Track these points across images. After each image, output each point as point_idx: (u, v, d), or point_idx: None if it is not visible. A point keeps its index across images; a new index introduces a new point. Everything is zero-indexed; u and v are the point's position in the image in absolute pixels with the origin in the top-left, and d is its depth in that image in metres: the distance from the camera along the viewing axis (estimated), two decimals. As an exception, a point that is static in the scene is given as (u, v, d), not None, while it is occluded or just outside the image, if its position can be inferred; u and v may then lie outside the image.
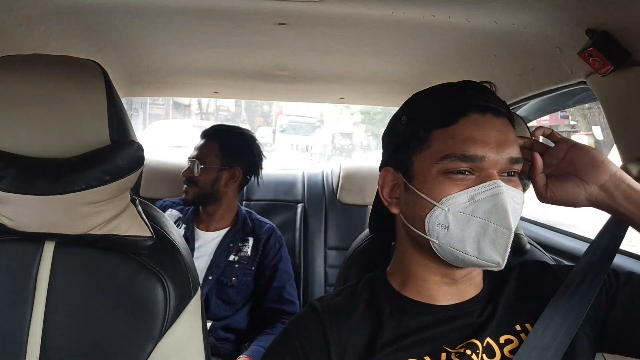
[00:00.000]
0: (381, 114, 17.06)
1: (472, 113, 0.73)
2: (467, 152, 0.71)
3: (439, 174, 0.73)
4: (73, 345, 0.84)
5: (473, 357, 0.72)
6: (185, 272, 0.92)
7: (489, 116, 0.73)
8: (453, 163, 0.72)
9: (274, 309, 1.77)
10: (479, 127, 0.73)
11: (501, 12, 1.04)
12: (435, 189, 0.73)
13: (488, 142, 0.72)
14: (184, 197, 1.81)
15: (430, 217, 0.73)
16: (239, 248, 1.80)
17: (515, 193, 0.73)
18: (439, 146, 0.74)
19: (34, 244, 0.86)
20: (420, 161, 0.76)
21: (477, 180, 0.72)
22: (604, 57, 0.93)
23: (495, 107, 0.74)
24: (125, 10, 1.20)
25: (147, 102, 14.98)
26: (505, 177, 0.74)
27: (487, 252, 0.71)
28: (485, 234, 0.70)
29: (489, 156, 0.71)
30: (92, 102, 0.79)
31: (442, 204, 0.72)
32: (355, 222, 2.30)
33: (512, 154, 0.73)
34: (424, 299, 0.79)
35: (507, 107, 0.78)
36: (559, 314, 0.75)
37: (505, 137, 0.73)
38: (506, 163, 0.73)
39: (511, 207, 0.71)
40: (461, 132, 0.73)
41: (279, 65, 1.76)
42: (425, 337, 0.75)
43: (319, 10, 1.13)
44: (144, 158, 0.85)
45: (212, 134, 1.86)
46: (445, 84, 0.81)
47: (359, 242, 1.17)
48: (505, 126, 0.75)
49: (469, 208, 0.71)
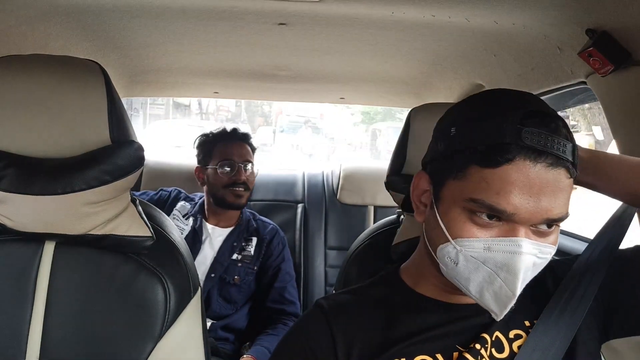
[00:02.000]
0: (381, 114, 17.05)
1: (520, 158, 0.62)
2: (498, 205, 0.63)
3: (463, 209, 0.67)
4: (73, 345, 0.84)
5: (482, 351, 0.72)
6: (186, 272, 0.92)
7: (540, 166, 0.62)
8: (479, 208, 0.65)
9: (275, 309, 1.77)
10: (521, 178, 0.62)
11: (501, 12, 1.04)
12: (454, 225, 0.68)
13: (525, 198, 0.63)
14: (240, 201, 1.80)
15: (443, 249, 0.70)
16: (242, 247, 1.81)
17: (542, 247, 0.66)
18: (471, 184, 0.65)
19: (34, 244, 0.86)
20: (451, 187, 0.69)
21: (501, 231, 0.65)
22: (604, 57, 0.93)
23: (553, 153, 0.62)
24: (125, 10, 1.20)
25: (147, 102, 14.98)
26: (539, 229, 0.66)
27: (487, 301, 0.68)
28: (491, 285, 0.67)
29: (520, 214, 0.63)
30: (92, 102, 0.80)
31: (457, 243, 0.67)
32: (355, 222, 2.30)
33: (552, 213, 0.64)
34: (438, 297, 0.78)
35: (572, 153, 0.64)
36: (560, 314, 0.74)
37: (550, 194, 0.63)
38: (541, 221, 0.64)
39: (529, 267, 0.65)
40: (499, 179, 0.63)
41: (279, 65, 1.76)
42: (438, 335, 0.74)
43: (319, 10, 1.13)
44: (144, 158, 0.85)
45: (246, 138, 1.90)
46: (506, 98, 0.70)
47: (359, 242, 1.17)
48: (557, 180, 0.63)
49: (482, 256, 0.66)
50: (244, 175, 1.79)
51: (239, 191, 1.78)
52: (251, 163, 1.84)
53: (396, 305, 0.78)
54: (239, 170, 1.79)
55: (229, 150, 1.82)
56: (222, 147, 1.83)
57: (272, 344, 1.60)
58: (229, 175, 1.78)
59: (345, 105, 12.15)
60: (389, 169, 1.16)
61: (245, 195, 1.81)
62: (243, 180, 1.79)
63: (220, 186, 1.78)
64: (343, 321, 0.77)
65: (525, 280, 0.67)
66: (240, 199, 1.79)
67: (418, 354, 0.72)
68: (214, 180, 1.81)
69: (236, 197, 1.78)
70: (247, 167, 1.82)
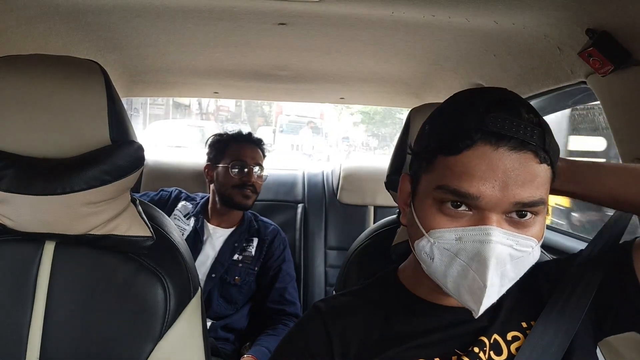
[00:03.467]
0: (381, 114, 17.05)
1: (482, 143, 0.63)
2: (460, 188, 0.63)
3: (434, 202, 0.67)
4: (73, 345, 0.84)
5: (481, 354, 0.72)
6: (186, 272, 0.92)
7: (503, 150, 0.63)
8: (445, 195, 0.65)
9: (275, 310, 1.77)
10: (483, 161, 0.63)
11: (501, 12, 1.04)
12: (427, 217, 0.68)
13: (488, 181, 0.62)
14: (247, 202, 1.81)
15: (419, 244, 0.69)
16: (243, 248, 1.82)
17: (517, 239, 0.64)
18: (438, 173, 0.67)
19: (34, 244, 0.86)
20: (424, 181, 0.70)
21: (471, 220, 0.65)
22: (604, 57, 0.93)
23: (516, 137, 0.63)
24: (125, 10, 1.20)
25: (147, 102, 14.98)
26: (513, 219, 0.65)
27: (464, 297, 0.67)
28: (465, 279, 0.65)
29: (485, 198, 0.63)
30: (92, 102, 0.79)
31: (430, 235, 0.67)
32: (355, 222, 2.30)
33: (521, 197, 0.63)
34: (436, 300, 0.77)
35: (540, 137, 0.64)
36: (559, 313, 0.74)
37: (516, 176, 0.62)
38: (510, 206, 0.63)
39: (502, 257, 0.64)
40: (461, 165, 0.64)
41: (279, 65, 1.77)
42: (436, 339, 0.73)
43: (319, 10, 1.13)
44: (144, 158, 0.85)
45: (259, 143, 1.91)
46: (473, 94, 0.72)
47: (359, 242, 1.17)
48: (522, 163, 0.63)
49: (455, 247, 0.65)
50: (253, 177, 1.80)
51: (247, 192, 1.79)
52: (261, 167, 1.85)
53: (394, 307, 0.78)
54: (250, 172, 1.80)
55: (242, 152, 1.83)
56: (236, 147, 1.85)
57: (273, 344, 1.60)
58: (239, 176, 1.79)
59: (345, 105, 12.15)
60: (388, 169, 1.16)
61: (252, 197, 1.82)
62: (252, 182, 1.80)
63: (230, 185, 1.79)
64: (340, 323, 0.77)
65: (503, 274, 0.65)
66: (248, 200, 1.80)
67: (416, 358, 0.72)
68: (223, 179, 1.81)
69: (244, 197, 1.79)
70: (257, 171, 1.83)
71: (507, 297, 0.76)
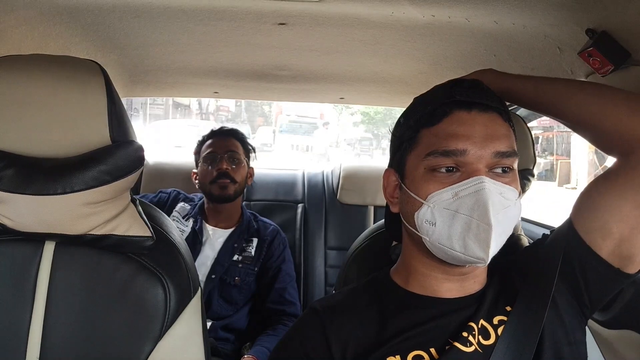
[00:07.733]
0: (381, 114, 17.06)
1: (457, 110, 0.75)
2: (448, 147, 0.73)
3: (425, 171, 0.75)
4: (73, 345, 0.84)
5: (470, 338, 0.74)
6: (186, 272, 0.92)
7: (475, 112, 0.74)
8: (436, 159, 0.74)
9: (275, 310, 1.77)
10: (462, 124, 0.74)
11: (501, 12, 1.04)
12: (421, 186, 0.75)
13: (471, 137, 0.73)
14: (225, 193, 1.76)
15: (419, 214, 0.75)
16: (242, 248, 1.81)
17: (504, 189, 0.73)
18: (424, 144, 0.76)
19: (34, 244, 0.86)
20: (410, 160, 0.78)
21: (463, 177, 0.73)
22: (604, 57, 0.93)
23: (482, 102, 0.75)
24: (125, 10, 1.19)
25: (147, 102, 14.99)
26: (496, 173, 0.74)
27: (471, 248, 0.71)
28: (470, 230, 0.71)
29: (471, 150, 0.72)
30: (92, 102, 0.79)
31: (428, 201, 0.74)
32: (355, 222, 2.30)
33: (499, 147, 0.73)
34: (428, 293, 0.80)
35: (500, 102, 0.78)
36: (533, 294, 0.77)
37: (491, 131, 0.73)
38: (492, 157, 0.73)
39: (496, 202, 0.71)
40: (444, 129, 0.74)
41: (279, 65, 1.76)
42: (430, 329, 0.76)
43: (319, 10, 1.13)
44: (144, 158, 0.85)
45: (233, 133, 1.90)
46: (438, 85, 0.82)
47: (359, 242, 1.17)
48: (492, 121, 0.75)
49: (454, 204, 0.72)
50: (226, 164, 1.77)
51: (223, 182, 1.76)
52: (237, 154, 1.81)
53: (388, 304, 0.80)
54: (221, 160, 1.78)
55: (212, 145, 1.83)
56: (208, 144, 1.85)
57: (273, 345, 1.60)
58: (212, 168, 1.78)
59: (345, 105, 12.15)
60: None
61: (231, 187, 1.78)
62: (225, 169, 1.77)
63: (207, 182, 1.79)
64: (336, 322, 0.79)
65: (500, 221, 0.70)
66: (225, 190, 1.77)
67: (411, 350, 0.74)
68: (202, 178, 1.82)
69: (221, 188, 1.76)
70: (231, 159, 1.80)
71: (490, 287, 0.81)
